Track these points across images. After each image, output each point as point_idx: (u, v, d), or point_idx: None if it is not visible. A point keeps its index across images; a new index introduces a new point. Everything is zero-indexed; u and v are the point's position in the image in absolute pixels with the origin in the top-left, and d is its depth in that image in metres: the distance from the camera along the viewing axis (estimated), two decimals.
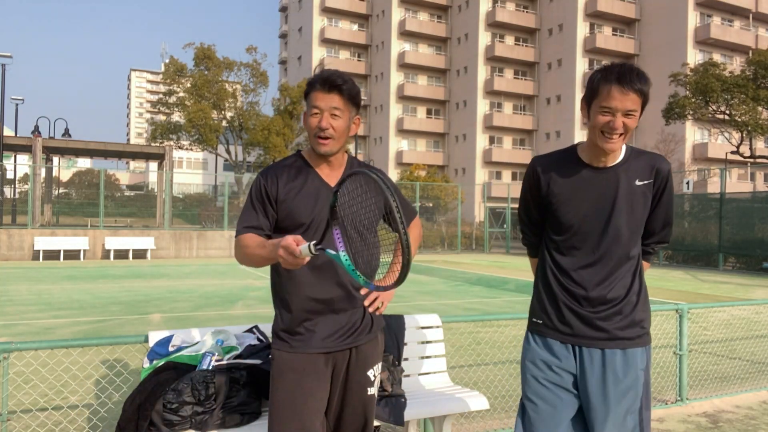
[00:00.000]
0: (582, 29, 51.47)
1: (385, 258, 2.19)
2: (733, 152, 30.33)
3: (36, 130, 27.26)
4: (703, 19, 47.51)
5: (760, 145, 35.03)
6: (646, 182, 2.24)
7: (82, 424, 4.12)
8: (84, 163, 69.53)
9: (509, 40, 56.10)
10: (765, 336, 8.15)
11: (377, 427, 2.91)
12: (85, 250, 20.73)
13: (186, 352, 2.88)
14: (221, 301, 10.76)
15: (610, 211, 2.22)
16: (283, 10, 73.44)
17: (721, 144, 42.95)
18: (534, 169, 2.36)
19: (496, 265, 20.82)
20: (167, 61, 39.21)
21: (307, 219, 2.19)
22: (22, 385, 4.69)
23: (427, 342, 3.53)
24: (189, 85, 38.20)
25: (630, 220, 2.24)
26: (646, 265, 2.42)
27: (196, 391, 2.58)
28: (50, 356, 5.48)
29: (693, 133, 46.01)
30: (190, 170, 64.61)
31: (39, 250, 20.03)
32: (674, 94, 29.21)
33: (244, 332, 3.14)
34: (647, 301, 2.33)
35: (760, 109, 27.75)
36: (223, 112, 39.04)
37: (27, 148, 27.62)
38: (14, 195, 33.21)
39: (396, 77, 58.87)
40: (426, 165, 51.31)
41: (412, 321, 3.47)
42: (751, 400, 4.97)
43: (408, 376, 3.38)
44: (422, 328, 3.53)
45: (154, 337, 2.99)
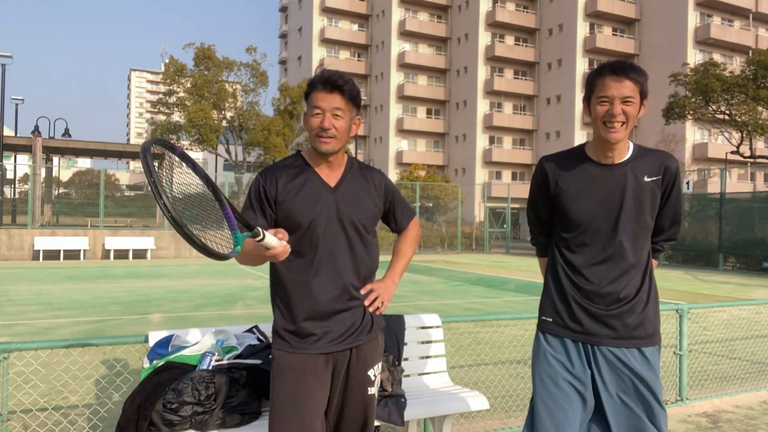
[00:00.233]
0: (582, 29, 51.45)
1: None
2: (733, 152, 30.30)
3: (36, 130, 27.20)
4: (703, 19, 47.49)
5: (760, 145, 35.01)
6: (655, 179, 2.24)
7: (82, 424, 4.12)
8: (84, 163, 69.47)
9: (509, 40, 56.08)
10: (765, 336, 8.15)
11: (377, 427, 2.90)
12: (85, 250, 20.73)
13: (186, 352, 2.87)
14: (221, 301, 10.76)
15: (618, 207, 2.23)
16: (283, 10, 73.43)
17: (721, 144, 42.93)
18: (542, 168, 2.38)
19: (496, 265, 20.82)
20: (167, 61, 39.18)
21: (307, 219, 2.19)
22: (22, 385, 4.69)
23: (427, 342, 3.53)
24: (189, 85, 38.19)
25: (639, 216, 2.24)
26: (654, 263, 2.43)
27: (196, 391, 2.58)
28: (50, 356, 5.48)
29: (693, 133, 45.98)
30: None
31: (39, 250, 20.03)
32: (674, 94, 29.19)
33: (244, 332, 3.14)
34: (657, 300, 2.33)
35: (760, 109, 27.72)
36: (223, 112, 39.03)
37: (27, 148, 27.61)
38: (14, 195, 33.23)
39: (396, 77, 58.86)
40: (426, 165, 51.29)
41: (412, 321, 3.47)
42: (751, 400, 4.97)
43: (408, 376, 3.38)
44: (422, 328, 3.53)
45: (154, 337, 2.99)
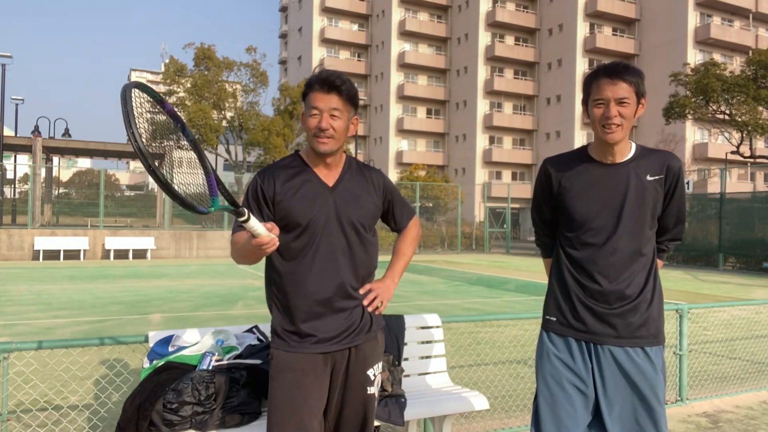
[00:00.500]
0: (582, 29, 51.43)
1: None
2: (733, 152, 30.29)
3: (36, 130, 27.22)
4: (703, 19, 47.48)
5: (760, 145, 35.01)
6: (657, 177, 2.25)
7: (82, 424, 4.12)
8: (84, 163, 69.37)
9: (509, 40, 56.07)
10: (765, 336, 8.15)
11: (377, 427, 2.90)
12: (85, 250, 20.72)
13: (186, 352, 2.88)
14: (221, 301, 10.76)
15: (621, 205, 2.24)
16: (283, 10, 73.43)
17: (721, 144, 42.92)
18: (545, 169, 2.40)
19: (496, 265, 20.81)
20: (167, 61, 39.18)
21: (305, 219, 2.19)
22: (22, 385, 4.69)
23: (427, 342, 3.53)
24: (189, 85, 38.18)
25: (641, 214, 2.24)
26: (659, 263, 2.43)
27: (196, 391, 2.58)
28: (50, 356, 5.48)
29: (693, 133, 45.97)
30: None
31: (39, 250, 20.03)
32: (674, 94, 29.18)
33: (244, 332, 3.14)
34: (662, 300, 2.33)
35: (761, 109, 27.71)
36: (223, 112, 39.01)
37: (27, 148, 27.63)
38: (14, 195, 33.24)
39: (396, 77, 58.85)
40: (426, 165, 51.24)
41: (412, 321, 3.47)
42: (751, 400, 4.96)
43: (408, 376, 3.38)
44: (422, 328, 3.53)
45: (154, 337, 2.99)
